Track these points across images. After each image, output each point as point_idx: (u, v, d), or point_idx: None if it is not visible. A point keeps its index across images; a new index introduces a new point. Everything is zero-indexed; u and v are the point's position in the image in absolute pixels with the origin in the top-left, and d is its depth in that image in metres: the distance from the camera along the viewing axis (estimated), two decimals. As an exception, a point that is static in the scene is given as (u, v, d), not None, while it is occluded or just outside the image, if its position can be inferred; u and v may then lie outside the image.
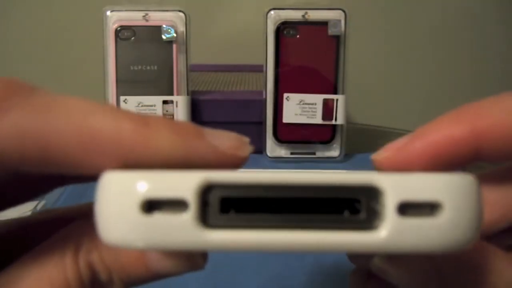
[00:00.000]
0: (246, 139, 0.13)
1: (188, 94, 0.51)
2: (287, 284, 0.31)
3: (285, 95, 0.50)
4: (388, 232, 0.10)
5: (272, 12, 0.50)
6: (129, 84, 0.50)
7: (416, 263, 0.14)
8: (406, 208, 0.10)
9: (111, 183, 0.11)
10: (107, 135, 0.12)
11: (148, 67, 0.50)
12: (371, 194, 0.10)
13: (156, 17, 0.50)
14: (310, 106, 0.50)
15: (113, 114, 0.12)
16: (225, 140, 0.13)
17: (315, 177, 0.10)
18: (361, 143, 0.56)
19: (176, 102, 0.50)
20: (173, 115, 0.50)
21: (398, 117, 0.72)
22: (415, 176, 0.10)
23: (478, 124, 0.13)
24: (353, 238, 0.10)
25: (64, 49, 0.74)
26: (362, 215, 0.10)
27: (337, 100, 0.50)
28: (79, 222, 0.14)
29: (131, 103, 0.49)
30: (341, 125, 0.51)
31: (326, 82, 0.50)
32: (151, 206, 0.10)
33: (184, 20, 0.50)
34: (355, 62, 0.52)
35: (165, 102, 0.50)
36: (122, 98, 0.49)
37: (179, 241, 0.10)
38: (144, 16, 0.49)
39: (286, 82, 0.50)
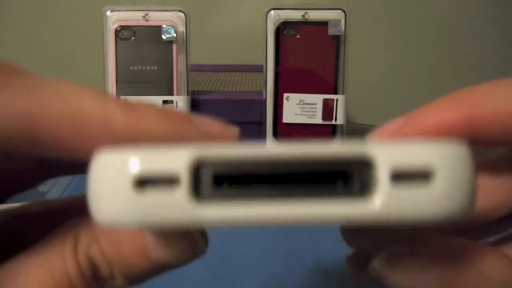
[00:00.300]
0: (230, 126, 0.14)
1: (188, 94, 0.51)
2: (287, 284, 0.31)
3: (285, 95, 0.50)
4: (382, 201, 0.10)
5: (272, 12, 0.50)
6: (129, 84, 0.50)
7: (417, 268, 0.13)
8: (399, 178, 0.10)
9: (102, 162, 0.11)
10: (95, 116, 0.12)
11: (148, 67, 0.50)
12: (364, 164, 0.10)
13: (156, 17, 0.50)
14: (310, 106, 0.50)
15: (101, 97, 0.12)
16: (212, 123, 0.13)
17: (307, 151, 0.10)
18: (361, 143, 0.56)
19: (176, 102, 0.50)
20: (173, 115, 0.50)
21: (398, 117, 0.72)
22: (407, 144, 0.10)
23: (474, 110, 0.13)
24: (347, 209, 0.10)
25: (64, 49, 0.74)
26: (356, 185, 0.10)
27: (337, 100, 0.50)
28: (77, 216, 0.14)
29: (131, 103, 0.49)
30: (341, 125, 0.51)
31: (326, 82, 0.50)
32: (143, 183, 0.10)
33: (184, 20, 0.50)
34: (355, 62, 0.52)
35: (165, 102, 0.50)
36: (122, 98, 0.49)
37: (173, 217, 0.10)
38: (144, 16, 0.49)
39: (286, 82, 0.50)
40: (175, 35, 0.49)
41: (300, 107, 0.50)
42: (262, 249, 0.34)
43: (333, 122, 0.50)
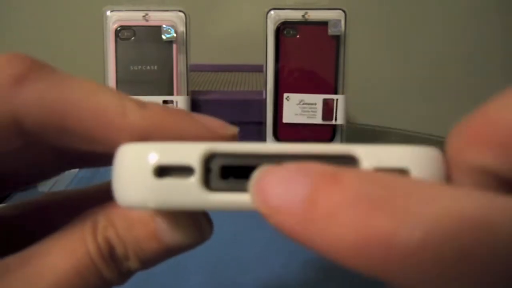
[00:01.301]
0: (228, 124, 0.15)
1: (188, 94, 0.51)
2: (287, 284, 0.31)
3: (285, 95, 0.50)
4: None
5: (272, 12, 0.50)
6: (129, 84, 0.50)
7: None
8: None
9: (127, 152, 0.12)
10: (114, 110, 0.14)
11: (148, 67, 0.50)
12: (349, 162, 0.11)
13: (156, 17, 0.50)
14: (310, 106, 0.50)
15: (118, 94, 0.14)
16: (212, 120, 0.15)
17: (302, 148, 0.11)
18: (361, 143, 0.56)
19: (176, 102, 0.50)
20: (173, 115, 0.50)
21: (398, 117, 0.72)
22: (386, 147, 0.12)
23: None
24: None
25: (64, 49, 0.74)
26: None
27: (337, 100, 0.50)
28: (95, 203, 0.15)
29: (131, 103, 0.49)
30: (341, 125, 0.51)
31: (326, 82, 0.50)
32: (162, 171, 0.11)
33: (184, 20, 0.50)
34: (355, 62, 0.52)
35: (165, 102, 0.50)
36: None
37: (186, 201, 0.12)
38: (144, 16, 0.49)
39: (286, 82, 0.50)
40: (175, 35, 0.49)
41: (300, 107, 0.50)
42: (262, 249, 0.34)
43: (333, 122, 0.50)
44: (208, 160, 0.12)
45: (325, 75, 0.50)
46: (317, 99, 0.50)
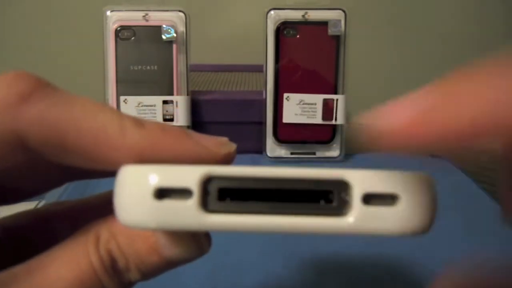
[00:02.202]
0: (226, 139, 0.15)
1: (188, 94, 0.51)
2: (287, 284, 0.31)
3: (285, 95, 0.50)
4: (355, 218, 0.12)
5: (272, 12, 0.50)
6: (129, 84, 0.50)
7: None
8: (370, 198, 0.12)
9: (129, 174, 0.13)
10: (113, 129, 0.14)
11: (148, 67, 0.50)
12: (342, 186, 0.12)
13: (156, 17, 0.50)
14: (310, 106, 0.50)
15: (118, 113, 0.15)
16: (209, 140, 0.15)
17: (296, 172, 0.12)
18: (361, 143, 0.56)
19: (176, 102, 0.50)
20: (173, 115, 0.50)
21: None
22: (378, 172, 0.12)
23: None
24: (326, 223, 0.12)
25: (64, 49, 0.74)
26: (335, 204, 0.12)
27: (337, 100, 0.50)
28: (97, 214, 0.16)
29: (131, 103, 0.49)
30: (341, 125, 0.51)
31: (326, 82, 0.50)
32: (162, 193, 0.12)
33: (184, 20, 0.50)
34: (355, 62, 0.52)
35: (165, 102, 0.50)
36: (122, 98, 0.49)
37: (185, 222, 0.12)
38: (144, 16, 0.49)
39: (286, 82, 0.50)
40: (175, 35, 0.49)
41: (300, 107, 0.50)
42: (262, 250, 0.34)
43: (333, 122, 0.50)
44: (206, 182, 0.12)
45: (325, 75, 0.50)
46: (317, 99, 0.50)
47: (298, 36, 0.50)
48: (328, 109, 0.50)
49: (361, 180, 0.12)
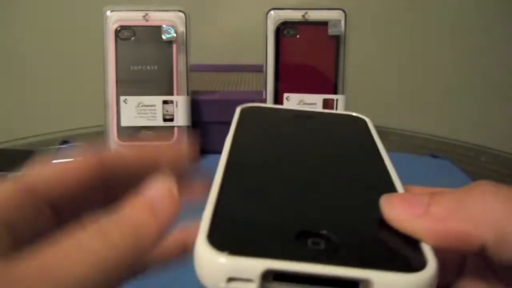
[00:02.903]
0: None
1: (188, 94, 0.51)
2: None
3: (285, 95, 0.50)
4: None
5: (272, 12, 0.50)
6: (129, 84, 0.50)
7: None
8: None
9: (207, 261, 0.15)
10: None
11: (148, 67, 0.50)
12: (367, 283, 0.15)
13: (156, 17, 0.50)
14: (310, 106, 0.50)
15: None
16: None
17: (334, 270, 0.15)
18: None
19: (176, 102, 0.50)
20: (173, 115, 0.50)
21: (398, 117, 0.72)
22: (396, 274, 0.15)
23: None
24: None
25: (64, 49, 0.74)
26: None
27: (337, 100, 0.50)
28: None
29: (131, 103, 0.49)
30: (341, 125, 0.51)
31: (326, 82, 0.50)
32: (231, 279, 0.15)
33: (184, 20, 0.50)
34: (355, 62, 0.52)
35: (165, 102, 0.50)
36: (122, 98, 0.49)
37: None
38: (144, 16, 0.49)
39: (286, 82, 0.50)
40: (175, 35, 0.49)
41: (300, 107, 0.50)
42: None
43: (333, 122, 0.50)
44: (265, 275, 0.15)
45: (325, 75, 0.50)
46: (317, 99, 0.50)
47: (298, 36, 0.50)
48: (328, 109, 0.50)
49: (382, 282, 0.15)
